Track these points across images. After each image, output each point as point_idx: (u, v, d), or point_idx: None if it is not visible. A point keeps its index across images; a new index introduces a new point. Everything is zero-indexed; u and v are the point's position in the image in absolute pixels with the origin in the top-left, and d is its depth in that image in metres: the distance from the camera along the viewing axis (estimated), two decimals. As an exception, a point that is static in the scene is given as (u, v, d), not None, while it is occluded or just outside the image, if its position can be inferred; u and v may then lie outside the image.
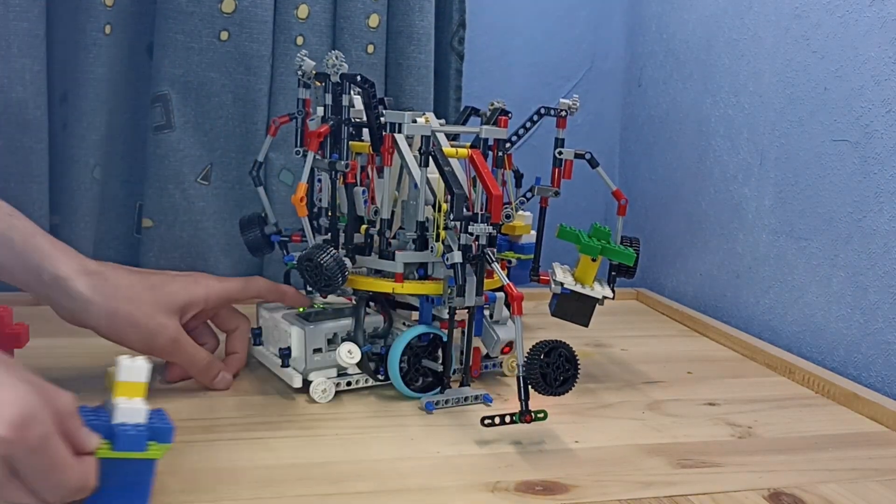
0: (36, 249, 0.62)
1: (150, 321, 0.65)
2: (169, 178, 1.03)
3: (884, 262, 0.79)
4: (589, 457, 0.61)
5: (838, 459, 0.63)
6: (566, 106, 0.76)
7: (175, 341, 0.67)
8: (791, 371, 0.83)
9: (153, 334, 0.65)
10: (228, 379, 0.71)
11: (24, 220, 0.64)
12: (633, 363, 0.86)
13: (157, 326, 0.65)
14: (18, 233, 0.63)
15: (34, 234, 0.63)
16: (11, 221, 0.63)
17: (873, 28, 0.81)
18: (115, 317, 0.63)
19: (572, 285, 0.73)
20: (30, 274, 0.62)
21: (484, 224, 0.66)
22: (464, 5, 1.13)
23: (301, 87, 0.78)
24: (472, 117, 0.86)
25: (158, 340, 0.66)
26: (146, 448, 0.47)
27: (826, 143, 0.87)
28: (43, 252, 0.62)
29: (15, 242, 0.62)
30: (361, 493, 0.54)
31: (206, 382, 0.70)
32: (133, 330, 0.64)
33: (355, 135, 0.75)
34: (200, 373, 0.70)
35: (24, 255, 0.62)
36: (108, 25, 0.99)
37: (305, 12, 1.05)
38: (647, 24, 1.23)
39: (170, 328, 0.66)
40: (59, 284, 0.62)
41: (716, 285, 1.07)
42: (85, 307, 0.63)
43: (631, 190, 1.26)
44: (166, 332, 0.66)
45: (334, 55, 0.70)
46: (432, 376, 0.72)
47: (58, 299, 0.63)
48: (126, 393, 0.49)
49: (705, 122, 1.08)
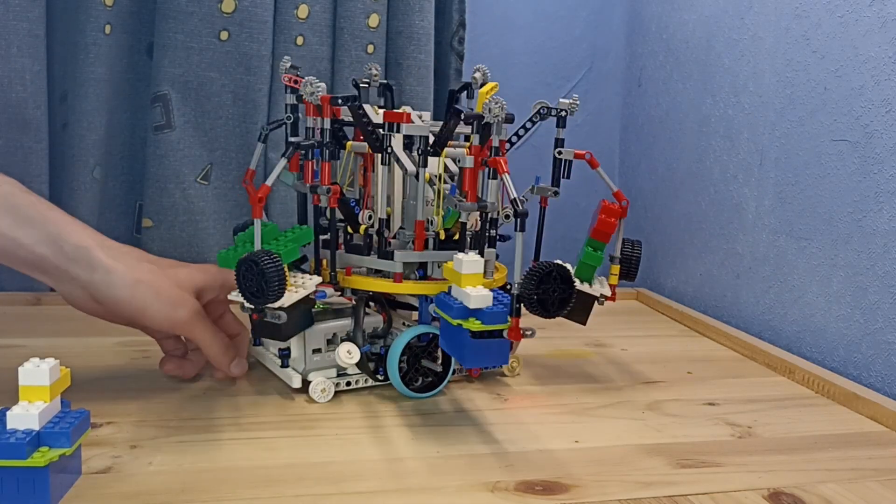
0: (55, 222, 0.62)
1: (173, 293, 0.64)
2: (169, 177, 1.03)
3: (884, 262, 0.79)
4: (589, 457, 0.61)
5: (838, 459, 0.63)
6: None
7: (198, 314, 0.66)
8: (791, 371, 0.83)
9: (176, 305, 0.64)
10: (244, 364, 0.71)
11: (40, 197, 0.63)
12: (632, 363, 0.86)
13: (180, 299, 0.64)
14: (37, 209, 0.62)
15: (51, 208, 0.63)
16: (30, 198, 0.62)
17: (873, 28, 0.81)
18: (139, 285, 0.62)
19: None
20: (50, 246, 0.61)
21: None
22: (464, 5, 1.13)
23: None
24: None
25: (181, 312, 0.64)
26: (27, 456, 0.47)
27: (826, 143, 0.87)
28: (62, 224, 0.62)
29: (33, 215, 0.61)
30: (361, 493, 0.54)
31: (223, 366, 0.69)
32: (156, 300, 0.63)
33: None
34: (219, 353, 0.68)
35: (45, 226, 0.61)
36: (108, 25, 0.99)
37: (305, 12, 1.05)
38: (647, 24, 1.23)
39: (192, 302, 0.65)
40: (81, 254, 0.61)
41: (716, 285, 1.07)
42: (107, 277, 0.61)
43: (631, 190, 1.27)
44: (190, 304, 0.65)
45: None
46: (432, 376, 0.72)
47: (78, 273, 0.61)
48: (29, 397, 0.49)
49: (705, 122, 1.08)
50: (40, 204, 0.63)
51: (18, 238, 0.60)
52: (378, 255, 0.71)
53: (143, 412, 0.65)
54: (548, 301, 0.61)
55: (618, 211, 0.75)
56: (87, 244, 0.62)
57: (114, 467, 0.55)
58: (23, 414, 0.48)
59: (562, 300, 0.61)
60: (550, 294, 0.60)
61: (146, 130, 1.04)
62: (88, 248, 0.61)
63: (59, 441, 0.48)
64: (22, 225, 0.60)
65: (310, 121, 0.72)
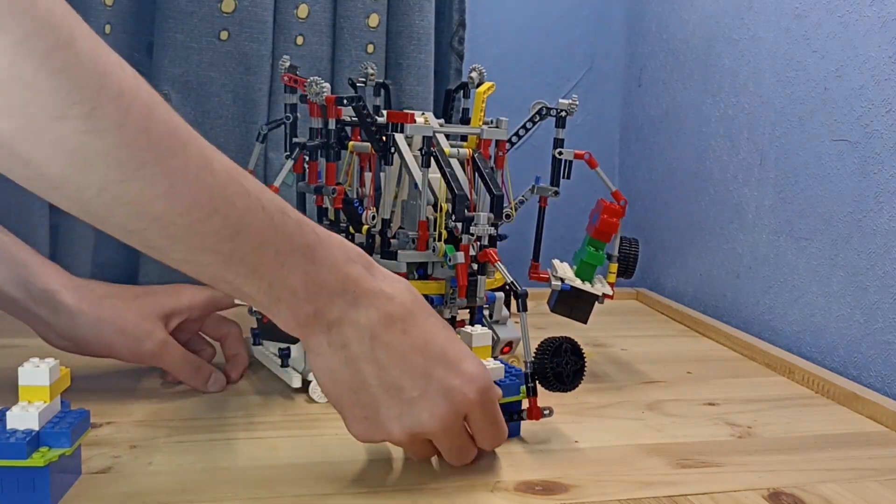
0: (24, 264, 0.63)
1: (137, 328, 0.65)
2: (169, 177, 1.03)
3: (884, 262, 0.79)
4: (589, 457, 0.61)
5: (838, 459, 0.63)
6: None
7: (163, 345, 0.67)
8: (791, 371, 0.83)
9: (140, 340, 0.65)
10: (222, 379, 0.71)
11: (11, 236, 0.65)
12: (633, 363, 0.86)
13: (144, 332, 0.65)
14: (6, 249, 0.63)
15: (21, 250, 0.64)
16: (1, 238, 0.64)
17: (873, 28, 0.81)
18: (102, 324, 0.64)
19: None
20: (20, 289, 0.62)
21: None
22: (464, 5, 1.13)
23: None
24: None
25: (146, 346, 0.66)
26: (27, 456, 0.47)
27: (826, 143, 0.87)
28: (31, 267, 0.63)
29: (4, 258, 0.63)
30: (361, 493, 0.54)
31: (199, 386, 0.70)
32: (120, 337, 0.65)
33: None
34: (191, 377, 0.69)
35: (15, 269, 0.62)
36: (108, 25, 0.99)
37: (305, 12, 1.05)
38: (647, 24, 1.23)
39: (157, 333, 0.66)
40: (46, 298, 0.62)
41: (716, 285, 1.07)
42: (72, 319, 0.63)
43: (631, 190, 1.27)
44: (153, 337, 0.66)
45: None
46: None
47: (46, 316, 0.63)
48: (28, 397, 0.49)
49: (705, 122, 1.08)
50: (14, 245, 0.64)
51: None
52: (381, 256, 0.71)
53: (143, 412, 0.65)
54: (563, 374, 0.62)
55: (619, 210, 0.76)
56: (52, 288, 0.63)
57: (114, 467, 0.55)
58: (23, 414, 0.48)
59: (576, 372, 0.63)
60: (564, 367, 0.62)
61: (146, 130, 1.04)
62: (53, 292, 0.63)
63: (59, 441, 0.49)
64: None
65: (314, 122, 0.72)
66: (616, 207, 0.76)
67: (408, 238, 0.71)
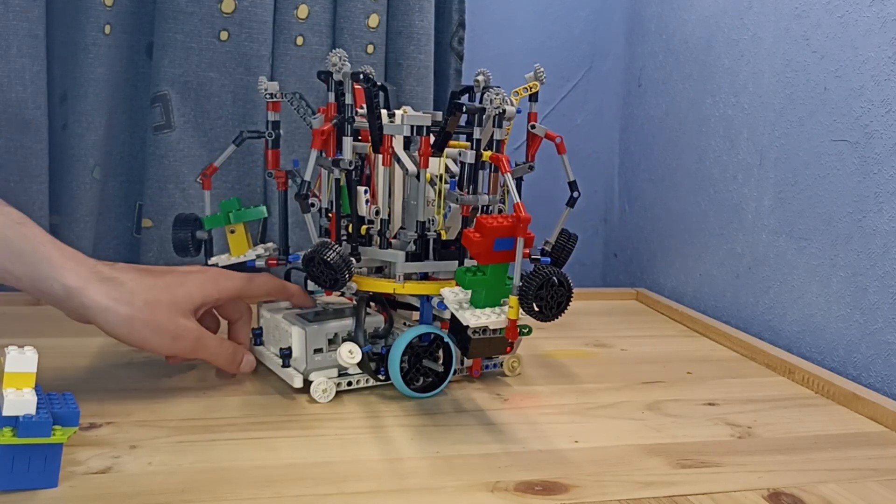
0: (46, 260, 0.61)
1: (171, 324, 0.65)
2: (169, 177, 1.03)
3: (884, 262, 0.79)
4: (589, 457, 0.61)
5: (838, 459, 0.63)
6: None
7: (198, 340, 0.67)
8: (791, 371, 0.83)
9: (176, 338, 0.65)
10: (252, 361, 0.72)
11: (35, 228, 0.63)
12: (632, 363, 0.86)
13: (180, 329, 0.65)
14: (29, 243, 0.61)
15: (44, 243, 0.62)
16: (22, 230, 0.62)
17: (873, 28, 0.81)
18: (135, 322, 0.63)
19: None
20: (42, 285, 0.61)
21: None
22: (463, 5, 1.13)
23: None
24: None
25: (181, 343, 0.66)
26: (52, 434, 0.49)
27: (826, 143, 0.87)
28: (53, 263, 0.61)
29: (25, 253, 0.61)
30: (361, 493, 0.54)
31: (233, 370, 0.71)
32: (155, 335, 0.64)
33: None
34: (226, 364, 0.70)
35: (36, 266, 0.61)
36: (108, 25, 0.99)
37: (305, 12, 1.05)
38: (647, 24, 1.23)
39: (191, 329, 0.66)
40: (72, 296, 0.61)
41: (715, 285, 1.07)
42: (102, 315, 0.62)
43: (631, 190, 1.27)
44: (189, 334, 0.66)
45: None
46: (433, 376, 0.72)
47: (73, 309, 0.62)
48: (15, 384, 0.50)
49: (705, 122, 1.08)
50: (36, 239, 0.62)
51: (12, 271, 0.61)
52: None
53: (143, 412, 0.65)
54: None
55: (490, 228, 0.59)
56: (77, 285, 0.61)
57: (114, 467, 0.55)
58: (20, 400, 0.49)
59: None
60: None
61: (146, 131, 1.04)
62: (80, 290, 0.61)
63: (70, 421, 0.51)
64: (13, 261, 0.61)
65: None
66: (488, 225, 0.59)
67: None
